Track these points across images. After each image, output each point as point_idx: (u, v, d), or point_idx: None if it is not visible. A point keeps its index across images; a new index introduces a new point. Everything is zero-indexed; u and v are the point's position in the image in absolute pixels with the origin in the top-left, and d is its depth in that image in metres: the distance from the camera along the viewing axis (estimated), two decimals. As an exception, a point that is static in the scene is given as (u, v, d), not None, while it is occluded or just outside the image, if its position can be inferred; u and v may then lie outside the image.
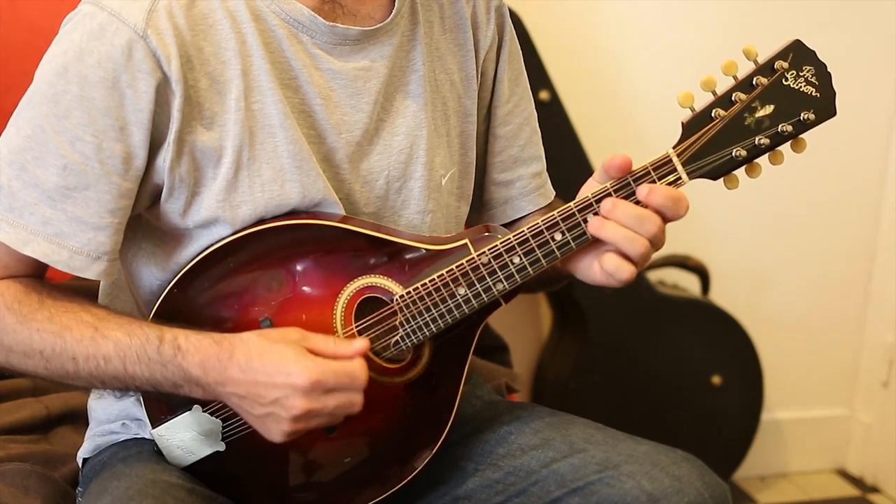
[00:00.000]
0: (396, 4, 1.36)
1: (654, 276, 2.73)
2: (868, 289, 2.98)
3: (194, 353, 1.22)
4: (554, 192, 1.55)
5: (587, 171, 2.45)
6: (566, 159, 2.45)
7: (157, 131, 1.24)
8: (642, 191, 1.23)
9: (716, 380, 2.69)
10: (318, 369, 1.18)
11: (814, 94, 1.21)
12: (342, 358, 1.21)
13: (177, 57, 1.23)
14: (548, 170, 1.55)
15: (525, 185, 1.51)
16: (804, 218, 2.88)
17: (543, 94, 2.42)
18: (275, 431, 1.22)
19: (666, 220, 1.25)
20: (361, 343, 1.23)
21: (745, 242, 2.87)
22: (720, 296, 2.76)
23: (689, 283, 2.78)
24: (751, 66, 1.22)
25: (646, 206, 1.24)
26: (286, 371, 1.18)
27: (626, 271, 1.25)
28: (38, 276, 1.31)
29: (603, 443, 1.34)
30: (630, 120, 2.69)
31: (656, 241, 1.25)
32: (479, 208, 1.53)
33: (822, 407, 3.05)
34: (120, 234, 1.28)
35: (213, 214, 1.28)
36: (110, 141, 1.22)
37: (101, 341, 1.23)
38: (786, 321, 2.94)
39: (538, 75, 2.41)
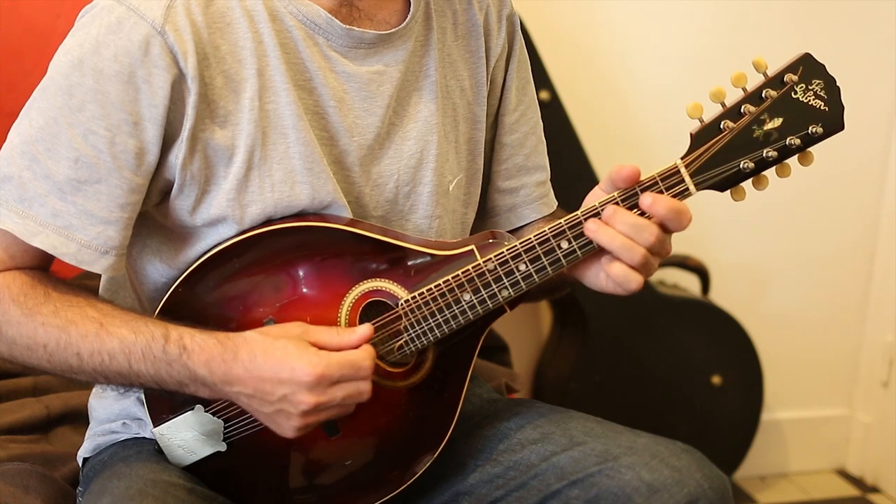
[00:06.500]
0: (412, 9, 1.37)
1: (654, 276, 2.72)
2: (868, 289, 2.98)
3: (199, 352, 1.22)
4: (556, 203, 1.55)
5: (587, 172, 2.48)
6: (566, 159, 2.45)
7: (170, 128, 1.24)
8: (645, 200, 1.23)
9: (716, 380, 2.69)
10: (323, 363, 1.19)
11: (822, 107, 1.21)
12: (346, 348, 1.22)
13: (193, 54, 1.22)
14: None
15: (529, 194, 1.51)
16: (804, 218, 2.88)
17: (543, 94, 2.41)
18: (286, 427, 1.23)
19: (668, 231, 1.25)
20: (364, 330, 1.24)
21: (745, 242, 2.87)
22: (720, 296, 2.76)
23: (689, 283, 2.78)
24: (760, 79, 1.22)
25: (649, 217, 1.24)
26: (290, 367, 1.19)
27: (633, 281, 1.25)
28: (44, 267, 1.31)
29: (602, 435, 1.34)
30: (630, 120, 2.69)
31: (657, 251, 1.25)
32: (483, 215, 1.53)
33: (822, 407, 3.05)
34: (129, 230, 1.28)
35: (221, 213, 1.28)
36: (123, 135, 1.22)
37: (106, 338, 1.23)
38: (786, 321, 2.94)
39: (538, 75, 2.37)
